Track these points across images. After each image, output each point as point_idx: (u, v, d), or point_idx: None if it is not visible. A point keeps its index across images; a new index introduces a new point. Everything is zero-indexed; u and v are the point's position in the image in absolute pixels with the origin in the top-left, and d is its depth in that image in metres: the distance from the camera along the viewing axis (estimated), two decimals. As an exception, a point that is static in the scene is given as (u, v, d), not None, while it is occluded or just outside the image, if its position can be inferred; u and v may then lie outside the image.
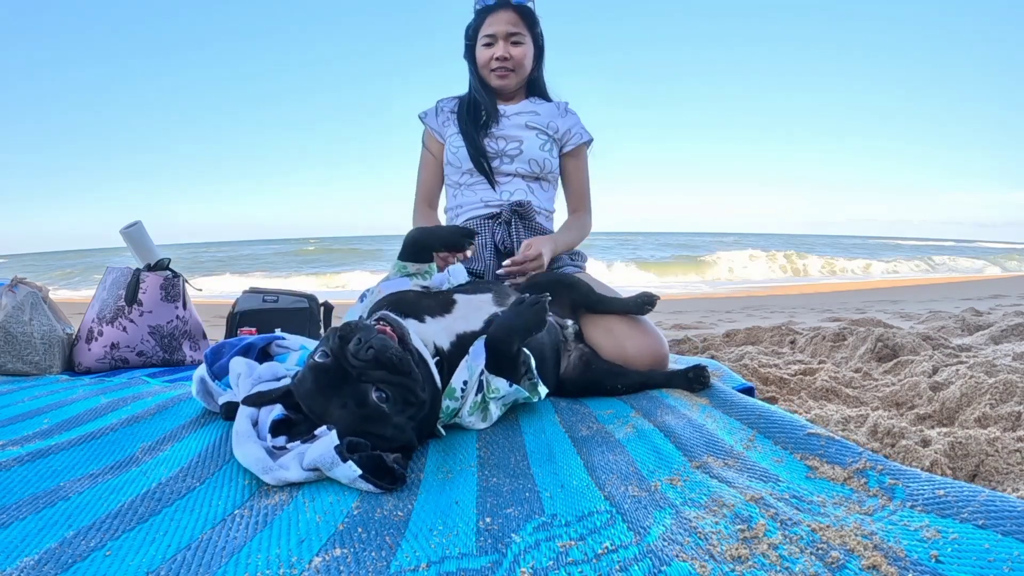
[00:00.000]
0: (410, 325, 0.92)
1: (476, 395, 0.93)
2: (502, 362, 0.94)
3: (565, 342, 1.23)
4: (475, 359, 0.94)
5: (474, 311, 1.04)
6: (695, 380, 1.14)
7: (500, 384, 0.95)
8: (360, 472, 0.71)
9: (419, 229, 1.19)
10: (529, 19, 1.54)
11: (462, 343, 0.98)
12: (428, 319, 0.99)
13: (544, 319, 0.95)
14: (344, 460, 0.71)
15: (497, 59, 1.54)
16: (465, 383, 0.92)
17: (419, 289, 1.11)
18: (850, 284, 8.51)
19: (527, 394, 1.00)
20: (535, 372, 1.01)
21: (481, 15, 1.56)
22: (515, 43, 1.54)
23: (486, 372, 0.93)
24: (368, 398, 0.77)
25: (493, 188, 1.56)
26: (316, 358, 0.80)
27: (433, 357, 0.91)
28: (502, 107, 1.60)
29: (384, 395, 0.78)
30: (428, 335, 0.95)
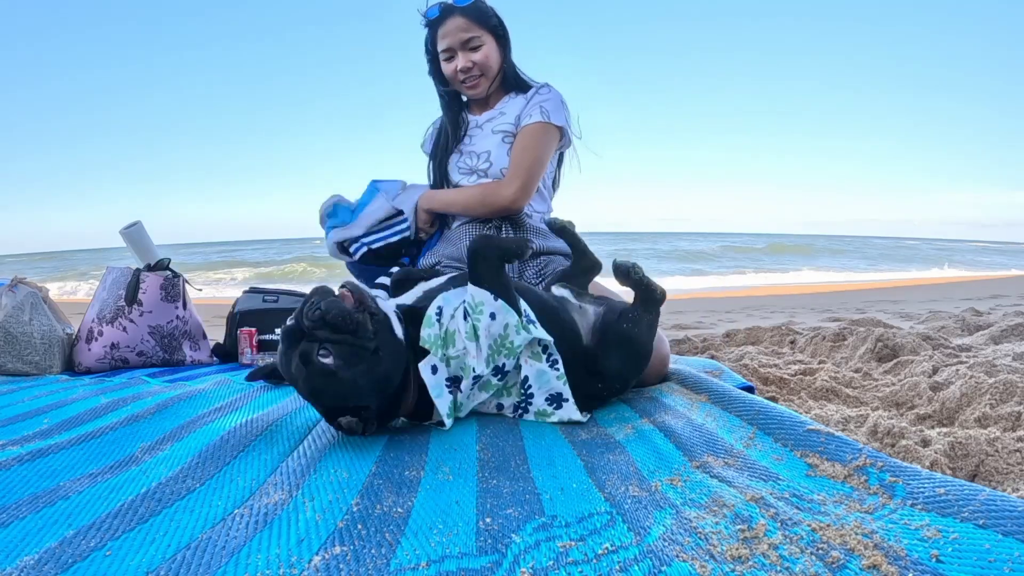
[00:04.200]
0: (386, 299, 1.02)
1: (466, 320, 0.93)
2: (482, 268, 0.96)
3: (569, 306, 1.13)
4: (454, 295, 0.97)
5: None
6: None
7: (484, 297, 0.94)
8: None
9: (481, 236, 1.24)
10: (480, 17, 1.45)
11: (431, 296, 1.00)
12: (418, 285, 1.07)
13: (526, 247, 1.00)
14: None
15: (461, 71, 1.48)
16: (440, 308, 0.95)
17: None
18: (850, 284, 8.51)
19: (516, 321, 0.95)
20: (525, 314, 0.97)
21: (432, 29, 1.50)
22: (473, 48, 1.46)
23: (472, 293, 0.95)
24: (312, 355, 0.81)
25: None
26: (286, 321, 0.86)
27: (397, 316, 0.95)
28: (475, 117, 1.57)
29: (327, 351, 0.81)
30: (395, 302, 1.01)
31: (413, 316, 0.96)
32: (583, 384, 1.03)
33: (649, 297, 1.11)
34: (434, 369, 0.93)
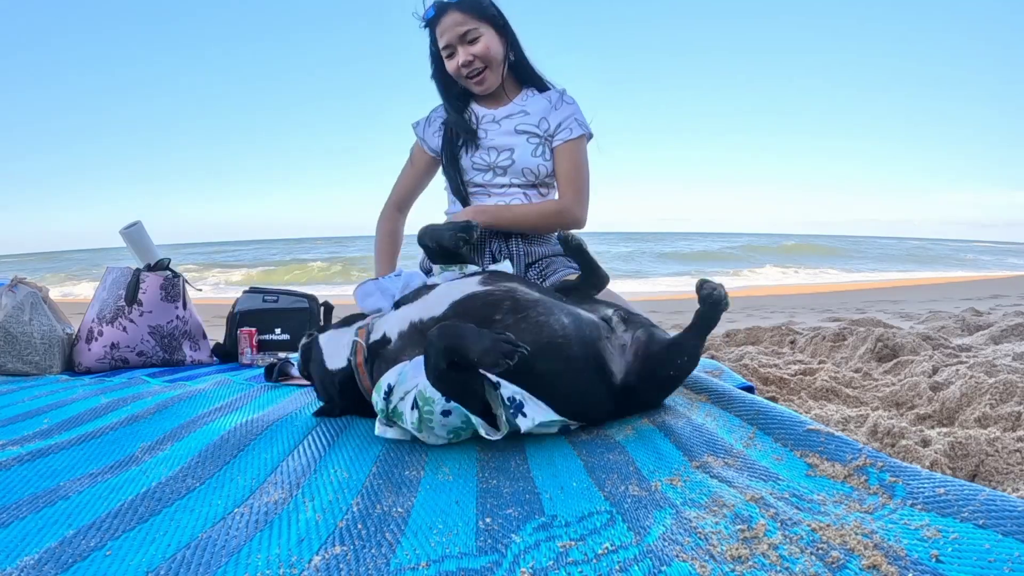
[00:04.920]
0: (388, 314, 1.00)
1: (414, 410, 0.82)
2: (430, 369, 0.79)
3: (610, 339, 0.97)
4: (413, 368, 0.84)
5: (444, 296, 0.94)
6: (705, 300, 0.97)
7: (435, 395, 0.79)
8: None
9: (423, 228, 1.13)
10: (475, 8, 1.44)
11: (416, 332, 0.91)
12: (402, 307, 0.99)
13: (501, 361, 0.75)
14: None
15: (463, 66, 1.46)
16: (390, 386, 0.84)
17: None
18: (850, 284, 8.52)
19: (474, 423, 0.81)
20: (508, 402, 0.81)
21: (431, 30, 1.49)
22: (471, 41, 1.44)
23: (425, 384, 0.80)
24: None
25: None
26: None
27: (375, 345, 0.95)
28: (491, 111, 1.55)
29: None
30: (382, 325, 0.97)
31: (373, 353, 0.95)
32: (602, 411, 0.95)
33: (714, 315, 0.98)
34: (389, 422, 0.87)
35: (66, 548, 0.56)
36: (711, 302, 0.98)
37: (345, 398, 1.01)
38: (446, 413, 0.81)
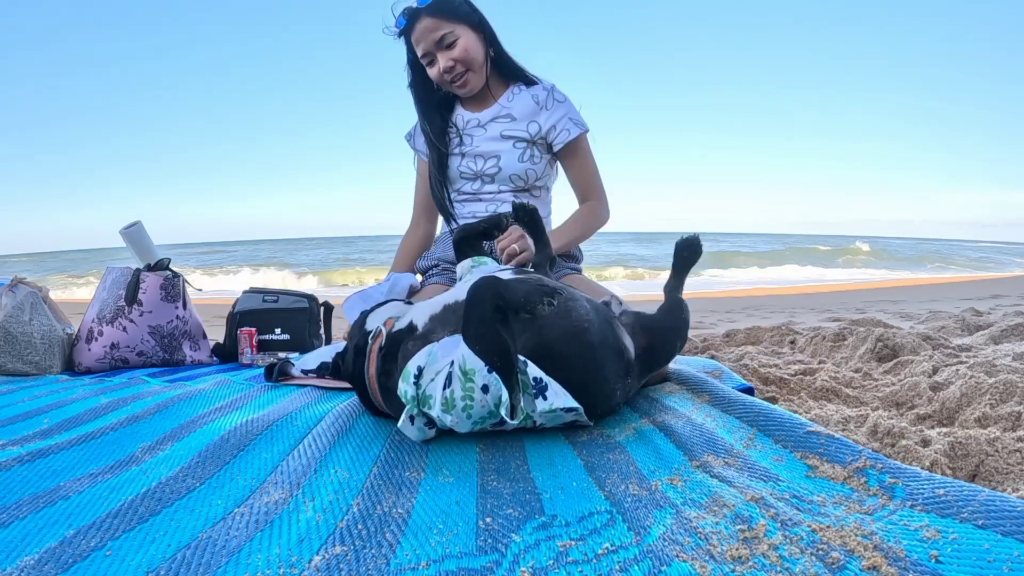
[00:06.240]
0: (417, 304, 1.01)
1: (445, 390, 0.80)
2: (474, 328, 0.78)
3: (618, 319, 1.02)
4: (443, 348, 0.84)
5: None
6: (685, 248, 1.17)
7: (476, 365, 0.77)
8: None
9: (459, 227, 1.20)
10: (446, 11, 1.41)
11: (450, 312, 0.91)
12: (436, 295, 1.00)
13: (544, 300, 0.79)
14: None
15: (445, 71, 1.44)
16: (420, 368, 0.83)
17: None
18: (850, 284, 8.52)
19: (501, 409, 0.79)
20: (534, 382, 0.83)
21: (406, 39, 1.47)
22: (449, 45, 1.42)
23: (464, 355, 0.78)
24: None
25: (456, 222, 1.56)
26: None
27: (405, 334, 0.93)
28: (476, 115, 1.53)
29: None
30: (408, 315, 0.97)
31: (393, 343, 0.93)
32: (615, 402, 0.98)
33: (692, 258, 1.18)
34: (412, 419, 0.85)
35: (66, 548, 0.56)
36: (690, 247, 1.16)
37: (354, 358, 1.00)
38: (485, 389, 0.78)
